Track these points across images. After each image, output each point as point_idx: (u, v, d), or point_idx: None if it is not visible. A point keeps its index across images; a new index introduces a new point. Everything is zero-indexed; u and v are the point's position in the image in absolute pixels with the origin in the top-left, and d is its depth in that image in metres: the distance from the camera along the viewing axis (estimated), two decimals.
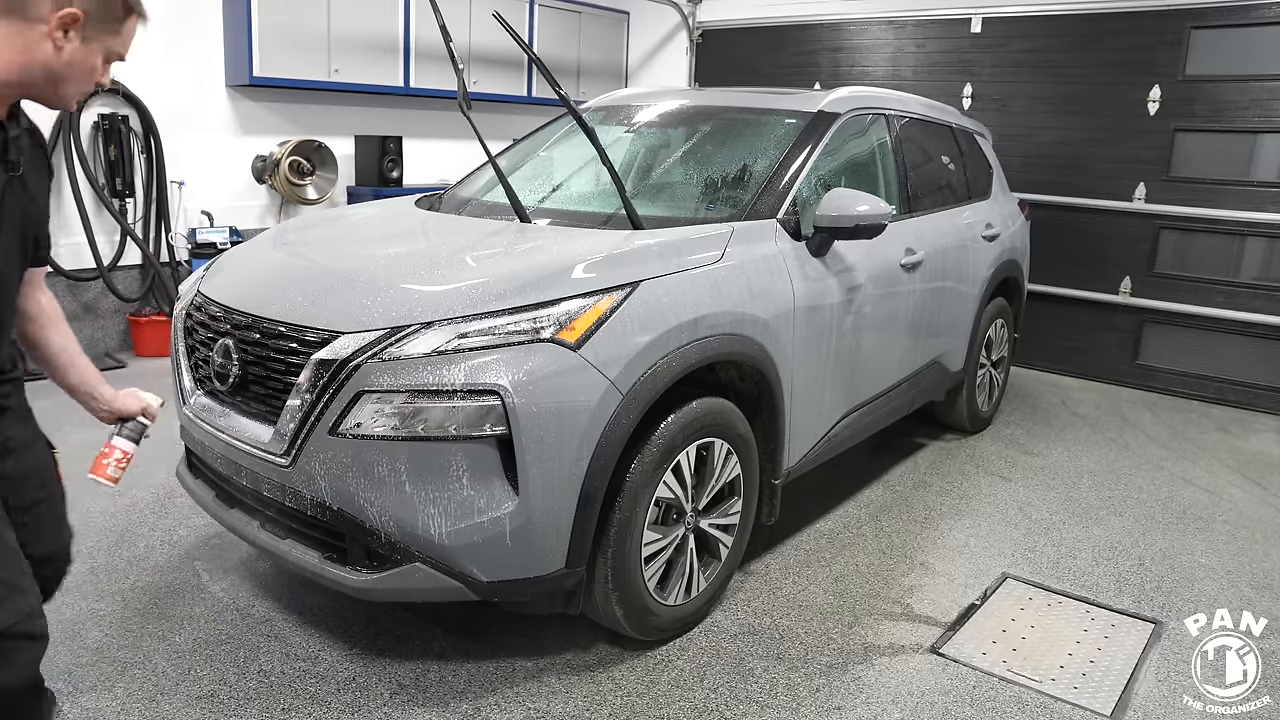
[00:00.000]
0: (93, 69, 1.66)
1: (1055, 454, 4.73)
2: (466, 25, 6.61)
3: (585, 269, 2.50)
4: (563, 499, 2.33)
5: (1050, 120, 6.30)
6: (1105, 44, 6.02)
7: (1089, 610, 3.14)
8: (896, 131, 4.06)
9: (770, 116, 3.69)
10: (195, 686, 2.48)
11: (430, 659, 2.66)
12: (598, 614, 2.62)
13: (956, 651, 2.84)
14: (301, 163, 6.09)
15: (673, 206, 3.45)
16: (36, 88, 1.63)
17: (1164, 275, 6.02)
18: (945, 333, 4.29)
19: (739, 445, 2.86)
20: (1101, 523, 3.88)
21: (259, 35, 5.63)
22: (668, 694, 2.55)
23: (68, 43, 1.58)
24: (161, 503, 3.58)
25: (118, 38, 1.67)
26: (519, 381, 2.22)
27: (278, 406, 2.40)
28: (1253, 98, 5.53)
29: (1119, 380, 6.21)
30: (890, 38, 7.01)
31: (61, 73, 1.61)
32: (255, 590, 2.99)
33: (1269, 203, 5.56)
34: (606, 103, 4.22)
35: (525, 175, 3.76)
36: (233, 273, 2.88)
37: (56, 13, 1.54)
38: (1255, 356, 5.74)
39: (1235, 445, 5.03)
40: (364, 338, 2.29)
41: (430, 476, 2.23)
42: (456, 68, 3.11)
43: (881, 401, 3.80)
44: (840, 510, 3.87)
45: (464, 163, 6.04)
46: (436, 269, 2.65)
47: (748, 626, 2.91)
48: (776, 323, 2.93)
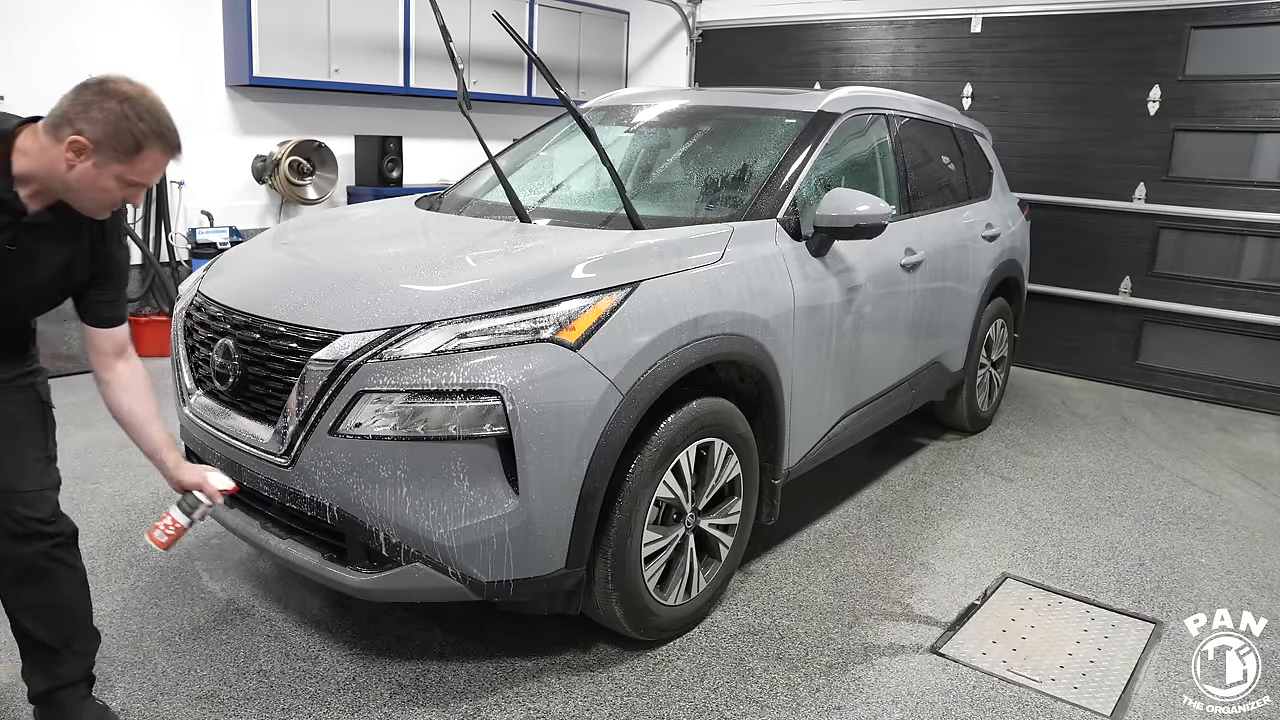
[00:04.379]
0: (104, 189, 1.85)
1: (1055, 454, 4.73)
2: (466, 25, 6.61)
3: (585, 269, 2.50)
4: (563, 499, 2.33)
5: (1050, 120, 6.30)
6: (1105, 44, 6.02)
7: (1089, 610, 3.14)
8: (896, 131, 4.06)
9: (770, 116, 3.69)
10: (195, 686, 2.49)
11: (430, 659, 2.66)
12: (598, 614, 2.62)
13: (956, 651, 2.84)
14: (301, 163, 6.09)
15: (673, 206, 3.45)
16: (59, 194, 1.88)
17: (1164, 275, 6.02)
18: (945, 333, 4.29)
19: (739, 445, 2.86)
20: (1101, 523, 3.88)
21: (259, 35, 5.63)
22: (668, 694, 2.55)
23: (79, 163, 1.81)
24: (161, 503, 3.58)
25: (128, 167, 1.84)
26: (519, 382, 2.21)
27: (277, 406, 2.40)
28: (1253, 98, 5.53)
29: (1119, 380, 6.22)
30: (890, 38, 7.01)
31: (73, 187, 1.85)
32: (255, 590, 2.99)
33: (1269, 203, 5.56)
34: (606, 103, 4.22)
35: (525, 175, 3.76)
36: (233, 273, 2.88)
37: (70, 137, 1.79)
38: (1255, 356, 5.74)
39: (1235, 445, 5.03)
40: (364, 338, 2.29)
41: (430, 477, 2.23)
42: (456, 68, 3.11)
43: (881, 401, 3.80)
44: (840, 510, 3.87)
45: (464, 163, 6.04)
46: (436, 269, 2.65)
47: (748, 626, 2.91)
48: (776, 323, 2.93)
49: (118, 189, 1.87)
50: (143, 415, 2.16)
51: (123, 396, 2.14)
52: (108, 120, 1.79)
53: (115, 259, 2.10)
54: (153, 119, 1.84)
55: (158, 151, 1.87)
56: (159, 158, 1.88)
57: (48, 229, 1.93)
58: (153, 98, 1.88)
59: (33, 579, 2.06)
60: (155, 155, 1.87)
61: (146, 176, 1.89)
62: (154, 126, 1.84)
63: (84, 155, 1.80)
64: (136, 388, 2.16)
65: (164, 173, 1.97)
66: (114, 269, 2.11)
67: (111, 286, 2.12)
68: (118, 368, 2.15)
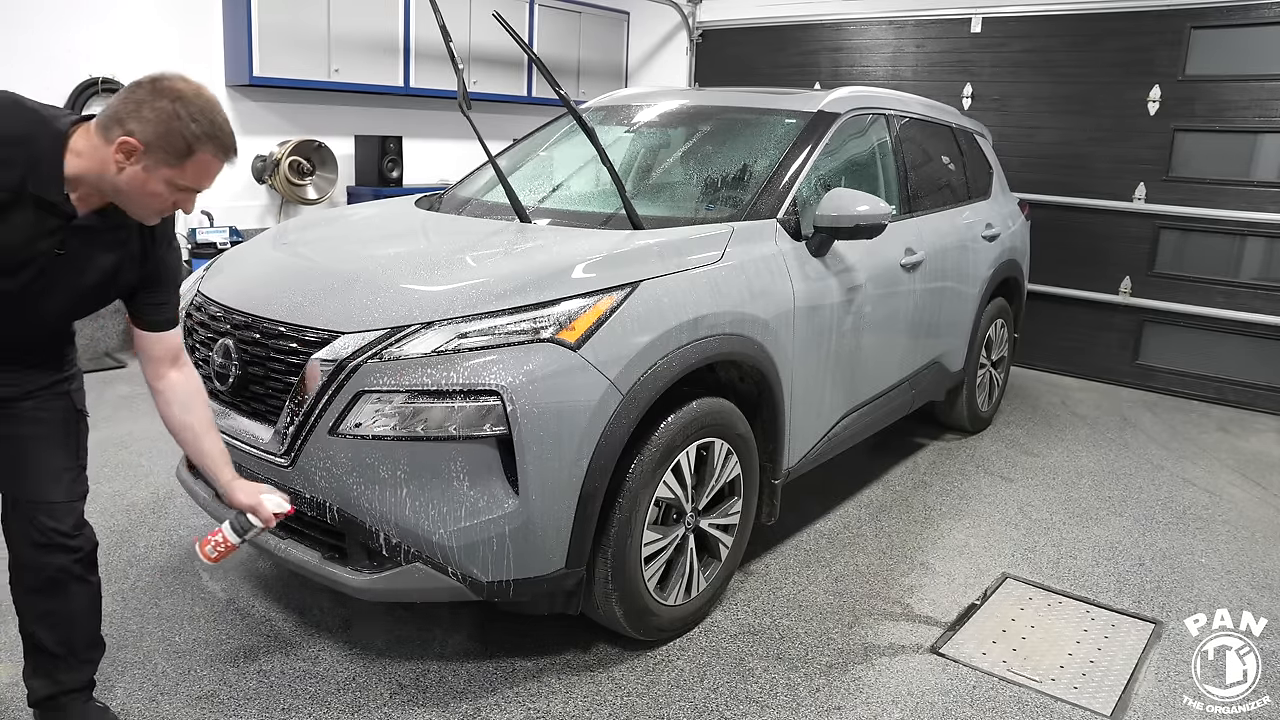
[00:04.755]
0: (155, 194, 1.78)
1: (1055, 454, 4.73)
2: (466, 25, 6.61)
3: (585, 269, 2.50)
4: (563, 499, 2.33)
5: (1050, 120, 6.30)
6: (1105, 44, 6.02)
7: (1089, 610, 3.14)
8: (896, 131, 4.06)
9: (770, 116, 3.69)
10: (195, 686, 2.49)
11: (430, 659, 2.66)
12: (598, 614, 2.62)
13: (956, 651, 2.84)
14: (301, 163, 6.09)
15: (673, 206, 3.45)
16: (108, 197, 1.81)
17: (1164, 275, 6.02)
18: (945, 333, 4.29)
19: (739, 445, 2.86)
20: (1101, 523, 3.88)
21: (259, 35, 5.63)
22: (668, 694, 2.55)
23: (129, 165, 1.74)
24: (161, 503, 3.58)
25: (179, 171, 1.76)
26: (519, 382, 2.22)
27: (277, 406, 2.40)
28: (1253, 98, 5.53)
29: (1119, 380, 6.21)
30: (890, 38, 7.01)
31: (123, 190, 1.78)
32: (255, 590, 2.99)
33: (1269, 203, 5.56)
34: (606, 103, 4.22)
35: (525, 175, 3.76)
36: (232, 273, 2.88)
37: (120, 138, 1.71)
38: (1255, 356, 5.74)
39: (1235, 445, 5.03)
40: (364, 338, 2.29)
41: (430, 477, 2.23)
42: (456, 68, 3.11)
43: (881, 401, 3.80)
44: (840, 510, 3.87)
45: (464, 163, 6.04)
46: (436, 269, 2.65)
47: (748, 626, 2.91)
48: (776, 323, 2.93)
49: (169, 194, 1.79)
50: (199, 429, 2.10)
51: (175, 409, 2.08)
52: (159, 120, 1.70)
53: (166, 263, 2.02)
54: (206, 120, 1.75)
55: (210, 155, 1.78)
56: (211, 162, 1.80)
57: (96, 233, 1.86)
58: (208, 97, 1.78)
59: (49, 590, 2.07)
60: (207, 159, 1.78)
61: (199, 181, 1.81)
62: (207, 128, 1.75)
63: (134, 158, 1.72)
64: (191, 400, 2.10)
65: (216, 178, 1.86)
66: (164, 273, 2.02)
67: (163, 289, 2.03)
68: (170, 376, 2.08)
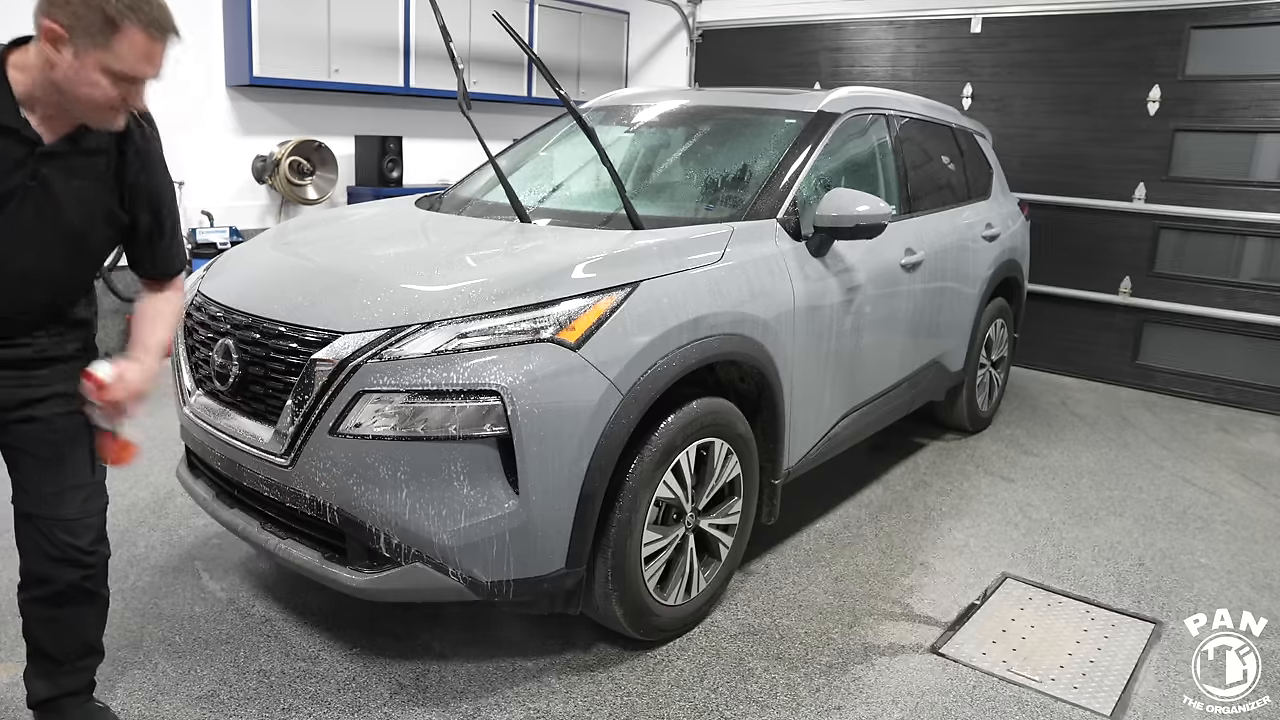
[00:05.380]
0: (93, 84, 1.66)
1: (1055, 454, 4.73)
2: (466, 25, 6.61)
3: (585, 269, 2.50)
4: (562, 499, 2.33)
5: (1050, 120, 6.30)
6: (1105, 44, 6.02)
7: (1089, 610, 3.14)
8: (896, 131, 4.06)
9: (770, 116, 3.69)
10: (195, 686, 2.49)
11: (430, 659, 2.66)
12: (598, 614, 2.62)
13: (956, 651, 2.84)
14: (301, 163, 6.09)
15: (673, 206, 3.45)
16: (58, 105, 1.71)
17: (1164, 275, 6.02)
18: (945, 333, 4.29)
19: (739, 445, 2.86)
20: (1101, 523, 3.88)
21: (259, 35, 5.63)
22: (668, 694, 2.55)
23: (60, 58, 1.64)
24: (161, 503, 3.58)
25: (110, 53, 1.64)
26: (519, 382, 2.22)
27: (278, 406, 2.40)
28: (1253, 98, 5.53)
29: (1119, 380, 6.21)
30: (890, 38, 7.01)
31: (63, 89, 1.68)
32: (255, 590, 2.99)
33: (1269, 203, 5.56)
34: (606, 103, 4.22)
35: (525, 175, 3.76)
36: (233, 273, 2.88)
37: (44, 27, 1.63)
38: (1255, 356, 5.74)
39: (1235, 445, 5.03)
40: (364, 338, 2.29)
41: (430, 477, 2.23)
42: (456, 68, 3.11)
43: (881, 401, 3.80)
44: (840, 510, 3.87)
45: (464, 163, 6.04)
46: (436, 269, 2.66)
47: (748, 626, 2.91)
48: (776, 323, 2.93)
49: (109, 84, 1.66)
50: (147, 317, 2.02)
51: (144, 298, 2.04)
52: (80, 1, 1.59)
53: (153, 186, 1.91)
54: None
55: (137, 29, 1.63)
56: (140, 39, 1.64)
57: (69, 159, 1.75)
58: None
59: (58, 601, 2.06)
60: (135, 35, 1.63)
61: (135, 66, 1.66)
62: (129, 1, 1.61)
63: (60, 46, 1.61)
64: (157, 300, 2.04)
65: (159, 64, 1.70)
66: (154, 201, 1.92)
67: (155, 221, 1.93)
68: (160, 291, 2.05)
